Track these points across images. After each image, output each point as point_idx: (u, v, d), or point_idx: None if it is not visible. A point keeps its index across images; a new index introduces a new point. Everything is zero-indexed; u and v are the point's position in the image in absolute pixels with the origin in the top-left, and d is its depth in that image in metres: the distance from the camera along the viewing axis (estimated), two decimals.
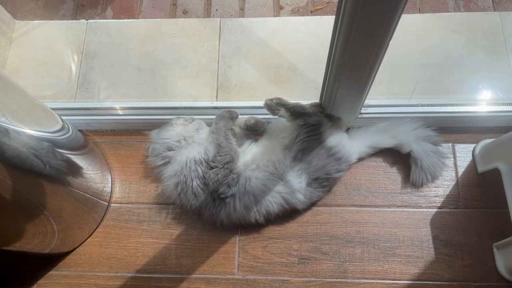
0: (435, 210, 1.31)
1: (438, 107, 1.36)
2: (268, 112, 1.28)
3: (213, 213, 1.24)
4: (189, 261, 1.31)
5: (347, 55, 0.96)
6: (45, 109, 1.16)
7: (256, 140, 1.35)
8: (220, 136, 1.24)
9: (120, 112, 1.45)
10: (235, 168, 1.24)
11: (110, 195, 1.41)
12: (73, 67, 1.57)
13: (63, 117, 1.33)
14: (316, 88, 1.42)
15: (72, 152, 1.25)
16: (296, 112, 1.24)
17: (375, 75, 1.06)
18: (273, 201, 1.23)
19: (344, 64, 1.01)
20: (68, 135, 1.23)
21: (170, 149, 1.29)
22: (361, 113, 1.33)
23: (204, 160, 1.22)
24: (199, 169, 1.22)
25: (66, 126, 1.25)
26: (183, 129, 1.31)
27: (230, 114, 1.29)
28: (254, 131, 1.35)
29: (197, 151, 1.24)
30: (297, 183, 1.23)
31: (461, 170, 1.36)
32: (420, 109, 1.35)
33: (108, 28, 1.62)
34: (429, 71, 1.47)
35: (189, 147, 1.28)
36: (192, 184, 1.21)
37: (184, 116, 1.36)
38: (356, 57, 0.96)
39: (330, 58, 1.04)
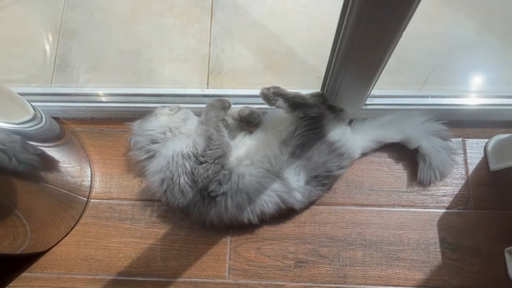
0: (443, 210, 1.22)
1: (448, 99, 1.25)
2: (264, 102, 1.16)
3: (202, 213, 1.14)
4: (175, 263, 1.21)
5: (357, 40, 0.84)
6: (11, 96, 1.03)
7: (250, 133, 1.24)
8: (210, 127, 1.12)
9: (101, 98, 1.33)
10: (227, 164, 1.12)
11: (90, 190, 1.30)
12: (49, 48, 1.45)
13: (37, 104, 1.22)
14: (319, 76, 1.31)
15: (45, 144, 1.14)
16: (295, 103, 1.13)
17: (386, 63, 0.94)
18: (268, 201, 1.12)
19: (352, 50, 0.89)
20: (40, 125, 1.12)
21: (154, 142, 1.17)
22: (366, 104, 1.22)
23: (193, 154, 1.11)
24: (187, 164, 1.10)
25: (39, 115, 1.13)
26: (168, 120, 1.19)
27: (221, 104, 1.17)
28: (248, 123, 1.24)
29: (185, 144, 1.13)
30: (295, 181, 1.12)
31: (471, 168, 1.26)
32: (430, 100, 1.25)
33: (88, 5, 1.49)
34: (439, 59, 1.36)
35: (175, 139, 1.16)
36: (179, 181, 1.10)
37: (169, 105, 1.24)
38: (368, 41, 0.84)
39: (337, 43, 0.92)
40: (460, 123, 1.28)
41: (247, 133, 1.23)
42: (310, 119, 1.13)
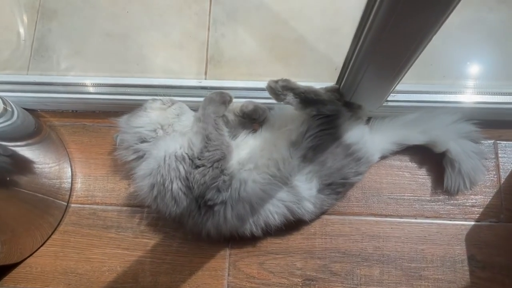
0: (472, 223, 1.09)
1: (479, 96, 1.11)
2: (271, 97, 1.01)
3: (198, 223, 0.99)
4: (167, 279, 1.07)
5: (391, 26, 0.69)
6: None
7: (254, 131, 1.08)
8: (208, 125, 0.97)
9: (84, 89, 1.19)
10: (227, 168, 0.98)
11: (70, 193, 1.16)
12: (26, 30, 1.30)
13: (10, 94, 1.12)
14: (336, 68, 1.16)
15: (17, 144, 1.02)
16: (307, 99, 0.98)
17: (420, 53, 0.79)
18: (274, 211, 0.98)
19: (382, 39, 0.74)
20: (11, 121, 1.00)
21: (143, 141, 1.02)
22: (387, 100, 1.07)
23: (188, 156, 0.96)
24: (181, 167, 0.96)
25: (10, 109, 1.01)
26: (160, 115, 1.04)
27: (221, 97, 1.02)
28: (252, 120, 1.09)
29: (179, 144, 0.98)
30: (306, 190, 0.98)
31: (504, 175, 1.12)
32: (459, 97, 1.10)
33: None
34: (469, 50, 1.21)
35: (168, 138, 1.01)
36: (171, 187, 0.96)
37: (161, 98, 1.08)
38: (405, 27, 0.69)
39: (362, 30, 0.77)
40: (492, 123, 1.12)
41: (250, 132, 1.08)
42: (324, 117, 0.98)
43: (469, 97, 1.10)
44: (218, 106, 1.01)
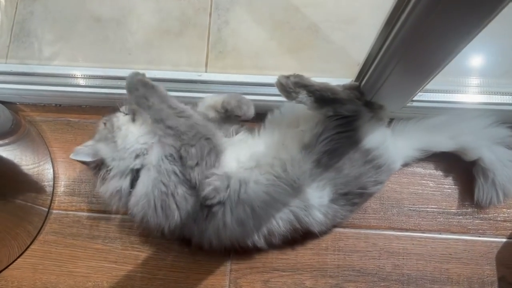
0: (504, 240, 0.98)
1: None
2: (281, 95, 0.88)
3: (201, 230, 0.88)
4: None
5: (433, 17, 0.57)
6: None
7: (245, 128, 0.97)
8: (162, 112, 0.85)
9: (69, 80, 1.09)
10: (222, 162, 0.87)
11: (52, 198, 1.05)
12: (4, 12, 1.19)
13: None
14: (358, 64, 1.02)
15: None
16: (323, 98, 0.85)
17: (463, 48, 0.66)
18: (278, 217, 0.87)
19: (417, 35, 0.62)
20: None
21: (137, 156, 0.90)
22: (413, 100, 0.94)
23: (175, 153, 0.85)
24: (176, 169, 0.85)
25: None
26: (139, 125, 0.92)
27: (136, 74, 0.90)
28: (235, 116, 0.96)
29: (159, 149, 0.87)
30: (316, 198, 0.86)
31: None
32: (494, 98, 0.97)
33: None
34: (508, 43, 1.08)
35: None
36: (176, 193, 0.85)
37: (120, 109, 0.95)
38: (451, 18, 0.57)
39: (395, 22, 0.65)
40: None
41: (247, 130, 0.96)
42: (342, 118, 0.86)
43: (505, 98, 0.97)
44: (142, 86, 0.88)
